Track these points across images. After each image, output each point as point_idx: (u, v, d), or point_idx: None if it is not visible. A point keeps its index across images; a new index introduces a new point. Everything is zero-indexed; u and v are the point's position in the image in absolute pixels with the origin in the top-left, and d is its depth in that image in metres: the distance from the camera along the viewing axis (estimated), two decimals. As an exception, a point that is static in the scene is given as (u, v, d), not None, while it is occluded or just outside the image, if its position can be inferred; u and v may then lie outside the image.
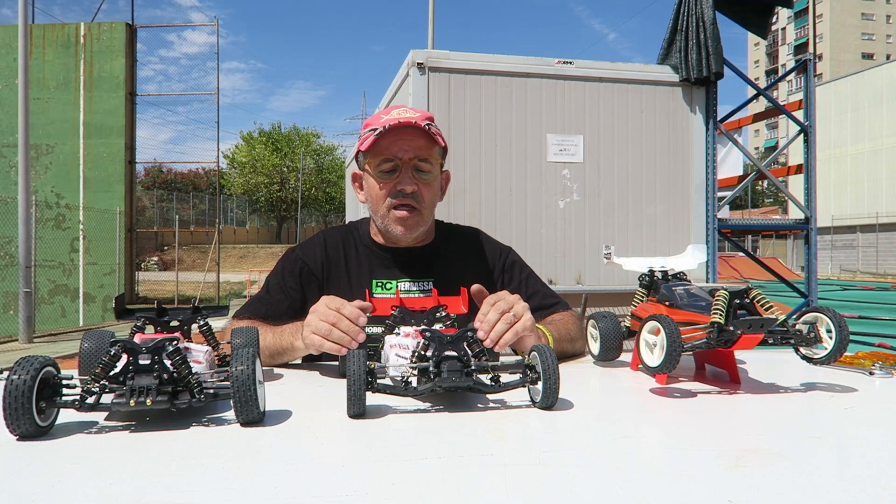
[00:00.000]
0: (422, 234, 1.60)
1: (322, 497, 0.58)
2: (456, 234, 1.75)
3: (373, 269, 1.60)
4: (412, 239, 1.59)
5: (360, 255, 1.62)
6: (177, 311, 1.05)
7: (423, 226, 1.56)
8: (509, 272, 1.69)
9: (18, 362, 0.75)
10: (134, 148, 13.08)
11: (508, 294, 1.26)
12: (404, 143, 1.49)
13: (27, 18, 9.09)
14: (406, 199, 1.50)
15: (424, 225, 1.57)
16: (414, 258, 1.62)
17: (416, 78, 3.39)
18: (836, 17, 57.82)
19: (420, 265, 1.61)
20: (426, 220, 1.57)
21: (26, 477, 0.64)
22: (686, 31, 3.81)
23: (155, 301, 1.08)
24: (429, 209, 1.56)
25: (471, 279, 1.58)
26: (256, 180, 39.46)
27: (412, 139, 1.49)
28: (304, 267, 1.60)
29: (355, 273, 1.60)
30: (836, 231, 29.48)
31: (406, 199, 1.50)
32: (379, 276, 1.59)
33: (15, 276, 9.30)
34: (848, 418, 0.92)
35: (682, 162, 3.81)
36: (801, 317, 1.04)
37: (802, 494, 0.60)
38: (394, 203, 1.51)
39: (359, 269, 1.60)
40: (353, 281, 1.58)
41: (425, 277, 1.60)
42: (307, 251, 1.63)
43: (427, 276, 1.60)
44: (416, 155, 1.49)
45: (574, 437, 0.80)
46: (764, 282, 8.76)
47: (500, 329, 1.17)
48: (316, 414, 0.89)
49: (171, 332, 1.01)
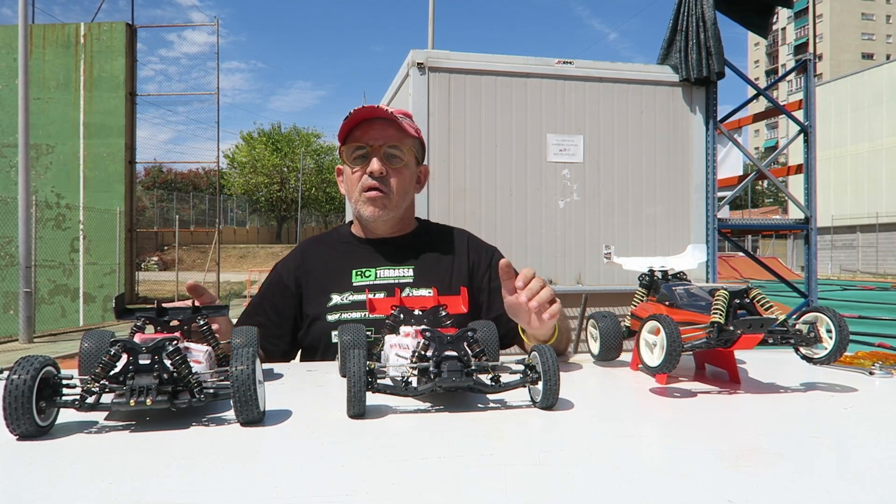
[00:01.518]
0: (394, 220, 1.66)
1: (322, 497, 0.58)
2: (438, 230, 1.80)
3: (352, 261, 1.65)
4: (385, 225, 1.65)
5: (340, 252, 1.69)
6: (176, 310, 1.05)
7: (392, 210, 1.62)
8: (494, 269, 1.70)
9: (18, 362, 0.75)
10: (134, 148, 13.08)
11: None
12: (375, 132, 1.58)
13: (27, 18, 9.09)
14: (375, 181, 1.58)
15: (395, 210, 1.62)
16: (394, 247, 1.67)
17: (416, 78, 3.39)
18: (836, 17, 57.82)
19: (399, 254, 1.66)
20: (396, 206, 1.62)
21: (26, 477, 0.64)
22: (686, 31, 3.81)
23: (155, 301, 1.08)
24: (399, 195, 1.62)
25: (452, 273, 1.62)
26: (256, 180, 39.45)
27: (382, 128, 1.59)
28: (280, 280, 1.69)
29: (335, 270, 1.64)
30: (836, 231, 29.48)
31: (375, 181, 1.58)
32: (358, 265, 1.63)
33: (15, 276, 9.30)
34: (848, 418, 0.92)
35: (682, 162, 3.81)
36: (801, 317, 1.04)
37: (802, 494, 0.60)
38: (364, 185, 1.59)
39: (338, 265, 1.65)
40: (333, 277, 1.63)
41: (404, 265, 1.64)
42: (284, 264, 1.73)
43: (406, 264, 1.64)
44: (385, 142, 1.58)
45: (574, 437, 0.80)
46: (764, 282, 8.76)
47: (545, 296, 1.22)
48: (316, 414, 0.89)
49: (171, 332, 1.00)
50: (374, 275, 1.61)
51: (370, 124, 1.58)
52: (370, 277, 1.61)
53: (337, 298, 1.58)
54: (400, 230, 1.70)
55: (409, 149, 1.62)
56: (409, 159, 1.62)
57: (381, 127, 1.58)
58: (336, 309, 1.58)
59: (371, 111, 1.58)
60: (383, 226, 1.65)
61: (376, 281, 1.60)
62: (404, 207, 1.66)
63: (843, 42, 58.21)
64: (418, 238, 1.71)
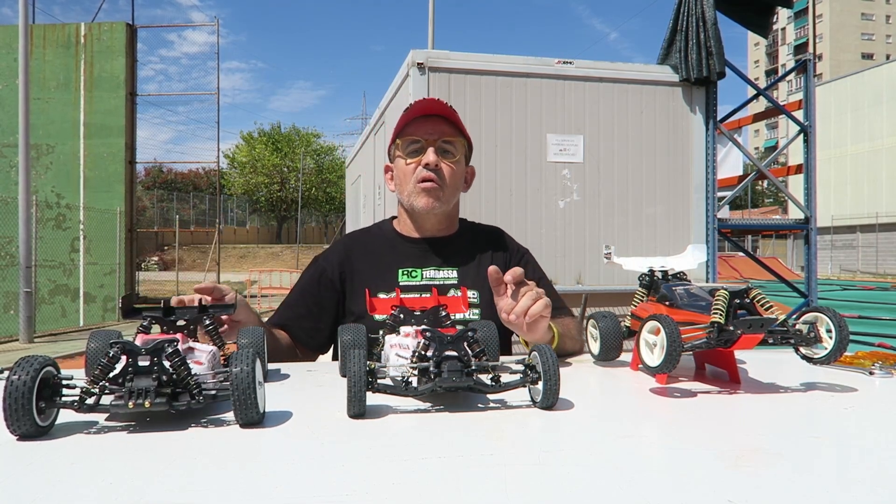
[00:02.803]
0: (443, 216, 1.67)
1: (322, 497, 0.58)
2: (479, 230, 1.81)
3: (398, 259, 1.65)
4: (435, 219, 1.66)
5: (384, 249, 1.69)
6: (183, 310, 1.04)
7: (444, 203, 1.63)
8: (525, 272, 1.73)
9: (18, 362, 0.75)
10: (134, 148, 13.07)
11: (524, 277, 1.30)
12: (430, 127, 1.60)
13: (27, 18, 9.09)
14: (430, 172, 1.59)
15: (446, 203, 1.63)
16: (439, 247, 1.68)
17: (416, 78, 3.39)
18: (836, 17, 57.81)
19: (444, 254, 1.67)
20: (448, 199, 1.63)
21: (26, 477, 0.64)
22: (686, 31, 3.81)
23: (161, 300, 1.07)
24: (451, 190, 1.63)
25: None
26: (256, 180, 39.47)
27: (437, 124, 1.61)
28: (323, 273, 1.68)
29: (380, 266, 1.65)
30: (836, 231, 29.47)
31: (430, 172, 1.59)
32: (404, 265, 1.64)
33: (15, 276, 9.30)
34: (848, 418, 0.92)
35: (682, 162, 3.81)
36: (801, 317, 1.04)
37: (802, 494, 0.60)
38: (419, 177, 1.59)
39: (384, 261, 1.66)
40: (379, 273, 1.63)
41: (449, 266, 1.65)
42: (327, 256, 1.72)
43: (451, 265, 1.65)
44: (440, 136, 1.60)
45: (574, 437, 0.80)
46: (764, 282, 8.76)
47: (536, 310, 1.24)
48: (316, 414, 0.89)
49: (178, 332, 1.00)
50: (420, 275, 1.62)
51: (425, 119, 1.61)
52: (416, 278, 1.62)
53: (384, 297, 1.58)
54: (447, 228, 1.71)
55: (462, 146, 1.65)
56: (460, 156, 1.64)
57: (436, 122, 1.61)
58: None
59: (432, 105, 1.61)
60: (433, 219, 1.66)
61: (422, 281, 1.61)
62: (453, 203, 1.68)
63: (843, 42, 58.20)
64: (462, 239, 1.73)
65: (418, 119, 1.62)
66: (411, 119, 1.62)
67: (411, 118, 1.62)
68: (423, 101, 1.63)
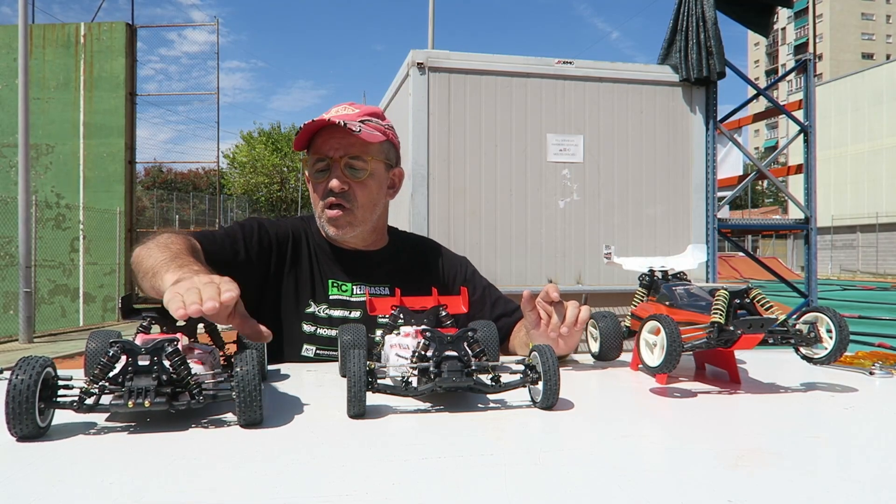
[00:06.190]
0: (365, 233, 1.57)
1: (322, 497, 0.58)
2: (412, 243, 1.73)
3: (328, 267, 1.57)
4: (354, 239, 1.57)
5: (314, 251, 1.59)
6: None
7: (357, 226, 1.53)
8: (471, 282, 1.70)
9: (19, 363, 0.75)
10: (134, 148, 13.06)
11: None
12: (335, 142, 1.47)
13: (27, 18, 9.09)
14: (336, 197, 1.48)
15: (360, 225, 1.54)
16: (370, 263, 1.60)
17: (416, 78, 3.39)
18: (836, 17, 57.82)
19: (375, 271, 1.59)
20: (360, 221, 1.53)
21: (26, 477, 0.64)
22: (686, 30, 3.81)
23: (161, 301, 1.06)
24: (363, 209, 1.52)
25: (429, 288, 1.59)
26: (256, 180, 39.46)
27: (343, 137, 1.47)
28: (266, 236, 1.53)
29: (312, 267, 1.57)
30: (836, 231, 29.48)
31: (336, 197, 1.48)
32: (334, 276, 1.56)
33: (15, 276, 9.30)
34: (848, 418, 0.92)
35: (682, 162, 3.81)
36: (801, 317, 1.04)
37: (802, 494, 0.60)
38: (326, 203, 1.50)
39: (315, 264, 1.57)
40: (313, 275, 1.55)
41: (381, 283, 1.57)
42: (274, 228, 1.58)
43: (383, 283, 1.58)
44: (346, 153, 1.47)
45: (574, 437, 0.80)
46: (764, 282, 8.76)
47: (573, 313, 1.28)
48: (316, 414, 0.89)
49: (178, 331, 1.00)
50: (350, 290, 1.55)
51: (330, 132, 1.47)
52: (346, 293, 1.55)
53: (314, 307, 1.52)
54: (374, 243, 1.63)
55: (376, 156, 1.51)
56: (374, 167, 1.51)
57: (343, 135, 1.46)
58: (312, 320, 1.52)
59: (323, 123, 1.46)
60: (353, 240, 1.59)
61: (352, 297, 1.55)
62: (374, 219, 1.58)
63: (843, 42, 58.20)
64: (392, 252, 1.66)
65: (323, 131, 1.47)
66: (316, 131, 1.48)
67: (314, 130, 1.48)
68: (332, 109, 1.50)
